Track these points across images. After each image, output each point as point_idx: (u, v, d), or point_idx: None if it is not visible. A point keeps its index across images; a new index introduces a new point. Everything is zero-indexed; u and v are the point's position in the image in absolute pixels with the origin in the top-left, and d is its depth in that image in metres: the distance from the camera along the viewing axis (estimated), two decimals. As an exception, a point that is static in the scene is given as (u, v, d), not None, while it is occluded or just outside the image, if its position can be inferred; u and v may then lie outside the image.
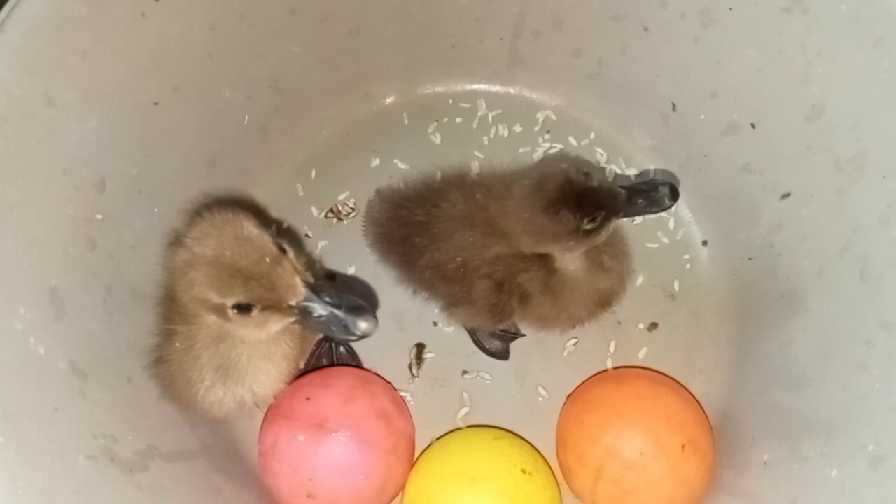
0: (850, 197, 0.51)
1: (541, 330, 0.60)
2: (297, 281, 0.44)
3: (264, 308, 0.44)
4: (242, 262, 0.43)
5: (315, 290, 0.44)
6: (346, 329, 0.43)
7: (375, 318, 0.44)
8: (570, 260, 0.54)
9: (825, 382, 0.51)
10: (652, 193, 0.52)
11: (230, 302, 0.44)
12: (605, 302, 0.57)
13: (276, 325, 0.45)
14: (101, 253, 0.51)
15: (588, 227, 0.51)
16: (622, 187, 0.52)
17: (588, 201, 0.50)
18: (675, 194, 0.52)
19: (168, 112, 0.55)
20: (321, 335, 0.60)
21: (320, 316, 0.44)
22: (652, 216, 0.66)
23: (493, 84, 0.69)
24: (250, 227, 0.44)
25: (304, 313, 0.44)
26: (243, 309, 0.44)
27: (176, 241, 0.46)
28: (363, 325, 0.43)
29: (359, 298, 0.44)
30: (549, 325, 0.59)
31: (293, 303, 0.44)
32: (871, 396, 0.47)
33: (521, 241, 0.53)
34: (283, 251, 0.45)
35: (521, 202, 0.52)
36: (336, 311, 0.43)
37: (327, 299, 0.44)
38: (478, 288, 0.55)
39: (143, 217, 0.55)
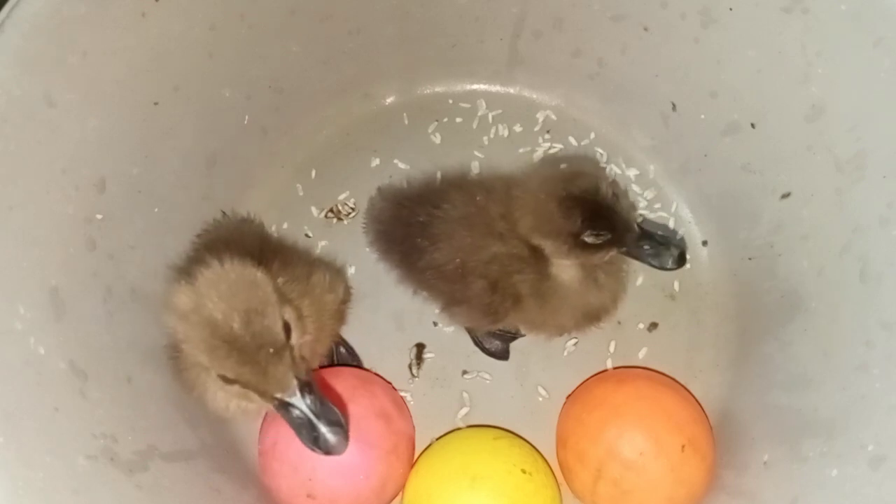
0: (850, 197, 0.51)
1: (531, 332, 0.60)
2: (291, 378, 0.42)
3: (246, 387, 0.43)
4: (245, 345, 0.41)
5: (302, 389, 0.43)
6: (316, 440, 0.42)
7: (347, 440, 0.43)
8: (564, 268, 0.54)
9: (825, 382, 0.51)
10: (662, 248, 0.52)
11: (217, 371, 0.43)
12: (593, 316, 0.57)
13: (254, 404, 0.45)
14: (101, 253, 0.51)
15: (588, 240, 0.51)
16: (639, 226, 0.52)
17: (603, 217, 0.51)
18: (681, 261, 0.53)
19: (168, 112, 0.55)
20: (335, 340, 0.60)
21: (298, 417, 0.43)
22: (653, 215, 0.66)
23: (493, 84, 0.69)
24: (265, 295, 0.42)
25: (282, 405, 0.43)
26: (227, 380, 0.43)
27: (187, 269, 0.45)
28: (333, 442, 0.42)
29: (339, 412, 0.43)
30: (538, 330, 0.59)
31: (278, 396, 0.43)
32: (871, 396, 0.47)
33: (524, 220, 0.53)
34: (288, 335, 0.43)
35: (544, 181, 0.53)
36: (314, 419, 0.42)
37: (309, 404, 0.43)
38: (473, 287, 0.55)
39: (143, 217, 0.55)
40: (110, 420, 0.48)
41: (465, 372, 0.62)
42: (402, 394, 0.61)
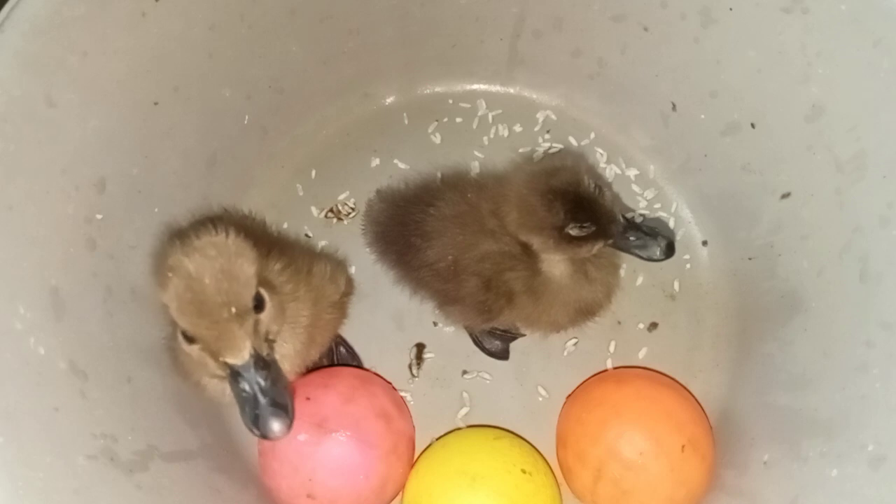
0: (850, 197, 0.51)
1: (526, 330, 0.60)
2: (245, 346, 0.42)
3: (204, 349, 0.43)
4: (209, 298, 0.41)
5: (258, 364, 0.42)
6: (256, 419, 0.42)
7: (290, 426, 0.42)
8: (554, 264, 0.54)
9: (825, 382, 0.51)
10: (648, 239, 0.53)
11: (180, 325, 0.43)
12: (587, 311, 0.57)
13: (211, 370, 0.44)
14: (101, 253, 0.51)
15: (573, 232, 0.51)
16: (624, 217, 0.52)
17: (585, 209, 0.51)
18: (669, 252, 0.53)
19: (168, 112, 0.55)
20: (335, 339, 0.60)
21: (243, 390, 0.42)
22: (652, 216, 0.66)
23: (493, 84, 0.69)
24: (244, 264, 0.43)
25: (232, 376, 0.43)
26: (187, 338, 0.43)
27: (176, 237, 0.45)
28: (275, 425, 0.42)
29: (289, 398, 0.42)
30: (532, 327, 0.59)
31: (229, 362, 0.42)
32: (871, 396, 0.47)
33: (510, 216, 0.53)
34: (259, 307, 0.43)
35: (526, 177, 0.53)
36: (259, 397, 0.42)
37: (260, 380, 0.42)
38: (466, 286, 0.55)
39: (143, 217, 0.55)
40: (110, 420, 0.48)
41: (465, 372, 0.62)
42: (402, 394, 0.61)
